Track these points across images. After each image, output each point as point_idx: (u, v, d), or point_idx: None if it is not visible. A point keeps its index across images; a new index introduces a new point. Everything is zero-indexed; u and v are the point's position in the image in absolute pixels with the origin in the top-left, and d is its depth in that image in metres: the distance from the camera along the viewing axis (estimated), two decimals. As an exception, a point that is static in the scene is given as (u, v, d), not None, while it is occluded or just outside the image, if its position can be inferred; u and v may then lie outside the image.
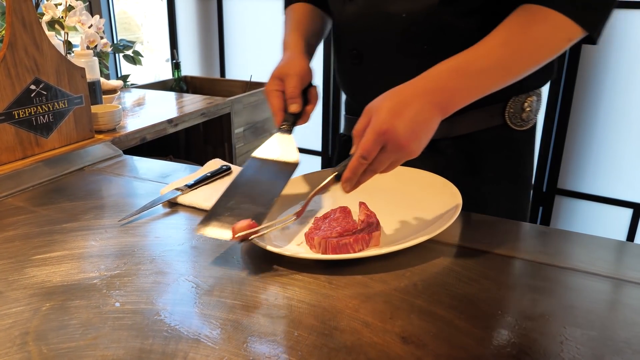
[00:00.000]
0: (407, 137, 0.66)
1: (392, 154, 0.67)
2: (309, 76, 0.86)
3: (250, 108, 1.95)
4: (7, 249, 0.75)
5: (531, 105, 0.89)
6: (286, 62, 0.85)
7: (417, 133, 0.67)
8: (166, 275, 0.68)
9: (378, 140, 0.65)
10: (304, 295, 0.63)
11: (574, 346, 0.54)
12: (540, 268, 0.69)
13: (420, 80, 0.70)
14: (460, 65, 0.70)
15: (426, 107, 0.67)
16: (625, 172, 2.30)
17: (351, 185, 0.70)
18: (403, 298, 0.62)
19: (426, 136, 0.69)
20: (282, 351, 0.53)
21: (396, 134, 0.65)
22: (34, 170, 1.03)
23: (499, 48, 0.71)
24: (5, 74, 1.00)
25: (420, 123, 0.67)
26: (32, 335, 0.57)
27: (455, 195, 0.79)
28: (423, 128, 0.67)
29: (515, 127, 0.89)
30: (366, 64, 0.89)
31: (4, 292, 0.64)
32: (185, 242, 0.77)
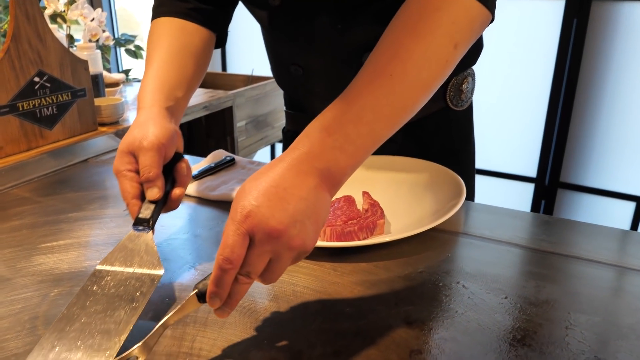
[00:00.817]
0: (278, 218, 0.46)
1: (267, 246, 0.47)
2: (173, 145, 0.67)
3: (252, 102, 1.95)
4: (15, 238, 0.75)
5: (467, 85, 0.92)
6: (137, 131, 0.65)
7: (292, 211, 0.47)
8: (171, 262, 0.68)
9: (240, 230, 0.46)
10: (309, 282, 0.64)
11: (578, 331, 0.54)
12: (543, 256, 0.69)
13: (285, 155, 0.51)
14: (330, 123, 0.52)
15: (299, 177, 0.49)
16: (628, 165, 2.31)
17: (221, 300, 0.48)
18: (408, 285, 0.63)
19: (313, 219, 0.49)
20: (289, 335, 0.54)
21: (263, 216, 0.46)
22: (38, 162, 1.03)
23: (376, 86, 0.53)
24: (9, 66, 1.00)
25: (294, 197, 0.48)
26: (42, 319, 0.57)
27: (458, 185, 0.79)
28: (303, 207, 0.48)
29: (455, 108, 0.92)
30: (308, 75, 0.87)
31: (12, 279, 0.65)
32: (190, 231, 0.77)
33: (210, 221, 0.80)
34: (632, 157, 2.28)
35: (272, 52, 0.93)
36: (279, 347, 0.52)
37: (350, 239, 0.71)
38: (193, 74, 0.77)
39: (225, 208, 0.84)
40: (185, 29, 0.78)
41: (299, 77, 0.88)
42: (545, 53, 2.31)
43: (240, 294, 0.49)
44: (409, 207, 0.81)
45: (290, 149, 0.51)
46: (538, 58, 2.34)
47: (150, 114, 0.67)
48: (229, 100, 1.80)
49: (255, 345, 0.52)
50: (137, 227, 0.61)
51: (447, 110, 0.91)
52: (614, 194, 2.34)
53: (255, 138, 2.01)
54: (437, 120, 0.91)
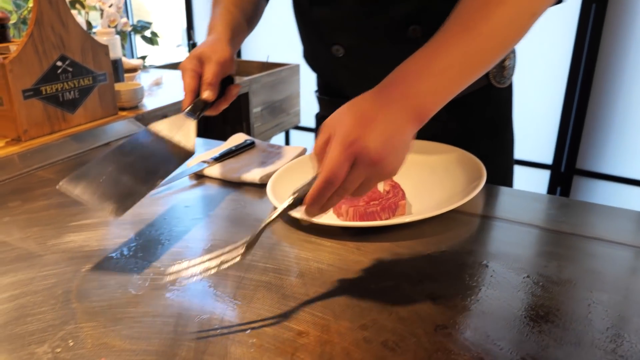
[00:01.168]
0: (379, 149, 0.54)
1: (364, 171, 0.55)
2: (230, 68, 0.82)
3: (267, 88, 1.96)
4: (43, 217, 0.77)
5: (509, 62, 0.93)
6: (210, 46, 0.80)
7: (391, 145, 0.55)
8: (197, 241, 0.70)
9: (345, 155, 0.53)
10: (334, 260, 0.65)
11: (601, 309, 0.55)
12: (564, 237, 0.70)
13: (383, 89, 0.59)
14: (421, 67, 0.59)
15: (397, 115, 0.56)
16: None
17: (317, 209, 0.57)
18: (430, 263, 0.64)
19: (402, 150, 0.57)
20: (316, 309, 0.55)
21: (366, 145, 0.53)
22: (62, 145, 1.05)
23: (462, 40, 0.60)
24: (33, 50, 1.02)
25: (393, 133, 0.55)
26: (74, 293, 0.59)
27: (479, 168, 0.80)
28: (397, 139, 0.56)
29: (498, 85, 0.93)
30: (349, 56, 0.89)
31: (44, 256, 0.67)
32: (215, 211, 0.79)
33: (230, 202, 0.82)
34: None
35: (311, 34, 0.94)
36: (307, 320, 0.53)
37: (372, 219, 0.72)
38: (251, 16, 0.94)
39: (244, 190, 0.86)
40: None
41: (339, 58, 0.89)
42: (563, 39, 2.30)
43: (332, 204, 0.57)
44: (430, 189, 0.82)
45: (384, 87, 0.59)
46: (555, 44, 2.32)
47: (220, 40, 0.82)
48: (244, 87, 1.81)
49: (284, 318, 0.54)
50: (188, 113, 0.77)
51: (490, 87, 0.92)
52: (631, 180, 2.33)
53: (270, 124, 2.02)
54: (479, 98, 0.92)
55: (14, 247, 0.69)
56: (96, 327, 0.53)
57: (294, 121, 2.22)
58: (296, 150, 0.97)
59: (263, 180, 0.86)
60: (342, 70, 0.93)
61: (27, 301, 0.58)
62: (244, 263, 0.64)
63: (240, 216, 0.77)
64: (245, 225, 0.74)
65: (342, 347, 0.50)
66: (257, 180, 0.86)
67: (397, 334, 0.51)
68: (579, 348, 0.49)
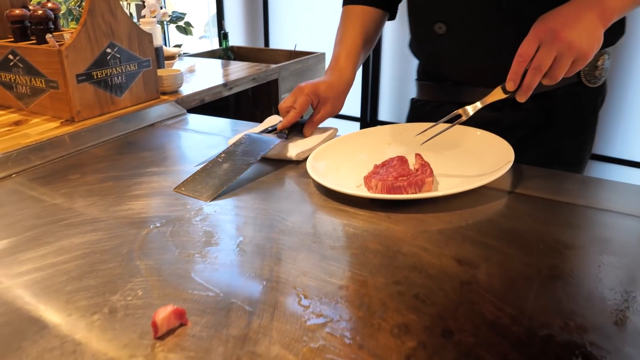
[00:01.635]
0: (561, 27, 0.72)
1: (551, 45, 0.73)
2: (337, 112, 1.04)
3: (295, 75, 2.03)
4: (102, 188, 0.85)
5: (604, 63, 0.95)
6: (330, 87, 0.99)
7: (572, 24, 0.73)
8: (245, 209, 0.77)
9: (530, 39, 0.74)
10: (367, 227, 0.72)
11: (610, 269, 0.61)
12: (578, 209, 0.76)
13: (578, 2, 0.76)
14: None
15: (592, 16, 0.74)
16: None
17: (514, 84, 0.77)
18: (456, 230, 0.70)
19: (589, 33, 0.73)
20: (353, 268, 0.62)
21: (549, 25, 0.73)
22: (111, 125, 1.13)
23: None
24: (85, 37, 1.10)
25: (576, 18, 0.74)
26: (138, 252, 0.67)
27: (509, 153, 0.84)
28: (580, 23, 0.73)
29: (588, 85, 0.95)
30: (451, 35, 0.95)
31: (107, 220, 0.75)
32: (259, 184, 0.86)
33: (272, 177, 0.89)
34: None
35: (417, 17, 1.01)
36: (346, 277, 0.60)
37: (399, 193, 0.78)
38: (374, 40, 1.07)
39: (282, 165, 0.93)
40: (367, 13, 1.04)
41: (441, 36, 0.95)
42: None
43: (533, 83, 0.75)
44: (459, 171, 0.87)
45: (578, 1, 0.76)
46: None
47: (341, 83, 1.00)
48: (274, 73, 1.87)
49: (326, 275, 0.61)
50: (281, 134, 0.97)
51: (580, 85, 0.95)
52: (634, 163, 2.36)
53: (298, 110, 2.10)
54: (568, 94, 0.95)
55: (80, 213, 0.77)
56: (159, 280, 0.61)
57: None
58: (328, 131, 1.03)
59: (299, 157, 0.93)
60: (443, 50, 0.99)
61: (97, 258, 0.66)
62: (286, 229, 0.71)
63: (285, 187, 0.84)
64: (290, 196, 0.81)
65: (379, 298, 0.56)
66: (294, 157, 0.93)
67: (426, 288, 0.58)
68: (590, 302, 0.55)
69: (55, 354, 0.49)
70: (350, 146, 0.96)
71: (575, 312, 0.54)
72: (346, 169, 0.89)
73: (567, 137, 0.98)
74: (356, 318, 0.53)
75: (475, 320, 0.53)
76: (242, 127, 1.17)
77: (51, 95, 1.13)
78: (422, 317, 0.53)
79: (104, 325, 0.53)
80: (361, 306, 0.55)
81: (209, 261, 0.64)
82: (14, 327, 0.53)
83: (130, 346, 0.50)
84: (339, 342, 0.50)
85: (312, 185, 0.85)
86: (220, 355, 0.49)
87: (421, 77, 1.11)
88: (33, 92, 1.17)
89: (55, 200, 0.81)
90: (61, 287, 0.60)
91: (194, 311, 0.55)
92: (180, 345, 0.50)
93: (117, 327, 0.53)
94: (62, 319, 0.54)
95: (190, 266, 0.63)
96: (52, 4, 1.26)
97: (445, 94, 1.03)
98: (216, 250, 0.67)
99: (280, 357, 0.48)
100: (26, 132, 1.07)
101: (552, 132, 0.97)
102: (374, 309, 0.55)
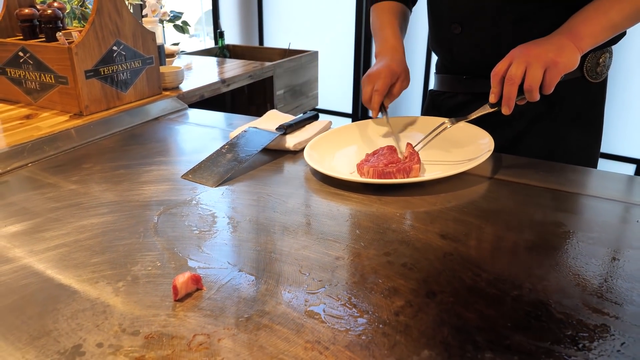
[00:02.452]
0: (529, 45, 0.84)
1: (519, 59, 0.83)
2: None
3: (289, 72, 2.10)
4: (115, 175, 0.92)
5: (605, 61, 1.03)
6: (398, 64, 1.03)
7: (541, 43, 0.84)
8: (248, 194, 0.84)
9: (506, 58, 0.85)
10: (360, 208, 0.79)
11: (577, 243, 0.68)
12: (554, 193, 0.83)
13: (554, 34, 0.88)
14: (597, 18, 0.87)
15: (566, 42, 0.85)
16: (628, 129, 2.41)
17: (495, 97, 0.87)
18: (441, 210, 0.78)
19: (554, 46, 0.84)
20: (348, 242, 0.69)
21: (520, 47, 0.85)
22: (118, 119, 1.20)
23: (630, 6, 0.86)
24: (93, 36, 1.16)
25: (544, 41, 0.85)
26: (153, 230, 0.73)
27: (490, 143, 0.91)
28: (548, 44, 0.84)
29: (590, 80, 1.03)
30: (466, 34, 1.04)
31: (121, 203, 0.82)
32: (261, 171, 0.93)
33: (272, 165, 0.96)
34: (633, 122, 2.39)
35: (437, 17, 1.10)
36: (341, 249, 0.68)
37: (389, 178, 0.85)
38: (404, 32, 1.15)
39: (279, 155, 1.00)
40: (395, 6, 1.15)
41: (457, 35, 1.05)
42: None
43: (511, 94, 0.84)
44: (444, 158, 0.94)
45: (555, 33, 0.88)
46: None
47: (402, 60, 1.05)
48: (269, 71, 1.94)
49: (323, 248, 0.68)
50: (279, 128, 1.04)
51: (583, 80, 1.02)
52: (615, 157, 2.46)
53: (291, 106, 2.16)
54: (571, 88, 1.02)
55: (96, 197, 0.84)
56: (174, 253, 0.68)
57: (312, 103, 2.36)
58: (323, 124, 1.10)
59: (296, 148, 1.00)
60: (459, 47, 1.07)
61: (116, 236, 0.72)
62: (286, 210, 0.78)
63: (283, 173, 0.91)
64: (288, 180, 0.89)
65: (371, 267, 0.64)
66: (292, 148, 1.00)
67: (413, 258, 0.65)
68: (556, 269, 0.63)
69: (88, 314, 0.56)
70: (344, 137, 1.04)
71: (543, 277, 0.61)
72: (340, 157, 0.97)
73: (570, 129, 1.05)
74: (351, 283, 0.61)
75: (456, 284, 0.60)
76: (240, 121, 1.24)
77: (60, 90, 1.19)
78: (409, 282, 0.61)
79: (128, 290, 0.60)
80: (355, 273, 0.63)
81: (218, 237, 0.71)
82: (48, 293, 0.60)
83: (153, 307, 0.57)
84: (336, 301, 0.57)
85: (309, 172, 0.92)
86: (233, 313, 0.56)
87: (439, 70, 1.20)
88: (42, 88, 1.23)
89: (71, 187, 0.88)
90: (86, 260, 0.66)
91: (208, 278, 0.62)
92: (198, 306, 0.57)
93: (140, 291, 0.60)
94: (91, 286, 0.61)
95: (202, 242, 0.70)
96: (58, 3, 1.32)
97: (461, 85, 1.12)
98: (224, 228, 0.74)
99: (285, 313, 0.55)
100: (37, 125, 1.13)
101: (555, 123, 1.04)
102: (366, 276, 0.62)
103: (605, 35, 0.88)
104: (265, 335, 0.52)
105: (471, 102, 1.08)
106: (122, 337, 0.52)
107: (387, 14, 1.12)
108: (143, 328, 0.54)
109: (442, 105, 1.16)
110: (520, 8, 0.96)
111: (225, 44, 2.42)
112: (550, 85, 0.84)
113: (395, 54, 1.05)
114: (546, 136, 1.03)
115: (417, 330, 0.53)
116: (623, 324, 0.54)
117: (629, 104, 2.40)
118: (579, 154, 1.07)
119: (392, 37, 1.08)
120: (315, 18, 2.91)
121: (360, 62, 2.95)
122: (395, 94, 1.03)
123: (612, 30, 0.88)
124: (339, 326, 0.54)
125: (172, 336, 0.52)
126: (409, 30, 1.19)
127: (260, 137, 1.01)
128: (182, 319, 0.55)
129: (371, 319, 0.54)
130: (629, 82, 2.38)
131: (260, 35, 3.18)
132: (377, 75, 1.00)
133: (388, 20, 1.11)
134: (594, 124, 1.09)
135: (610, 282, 0.61)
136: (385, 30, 1.10)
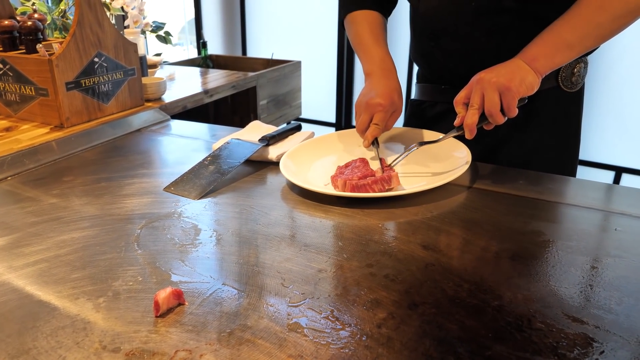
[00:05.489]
0: (484, 72, 0.85)
1: (476, 86, 0.85)
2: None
3: (272, 82, 2.10)
4: (96, 188, 0.91)
5: (580, 70, 1.04)
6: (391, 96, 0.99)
7: (494, 69, 0.86)
8: (231, 206, 0.84)
9: (465, 87, 0.88)
10: (342, 219, 0.79)
11: (557, 252, 0.69)
12: (534, 202, 0.84)
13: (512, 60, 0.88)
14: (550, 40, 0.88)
15: (522, 66, 0.86)
16: (607, 137, 2.46)
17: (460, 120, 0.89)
18: (422, 220, 0.78)
19: (507, 70, 0.85)
20: (331, 254, 0.70)
21: (477, 74, 0.86)
22: (99, 131, 1.19)
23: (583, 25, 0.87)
24: (74, 48, 1.16)
25: (497, 67, 0.87)
26: (134, 244, 0.73)
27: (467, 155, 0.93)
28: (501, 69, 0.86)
29: (565, 89, 1.04)
30: (443, 46, 1.05)
31: (103, 217, 0.81)
32: (243, 183, 0.93)
33: (254, 177, 0.96)
34: (611, 129, 2.44)
35: (417, 29, 1.10)
36: (324, 261, 0.68)
37: (364, 191, 0.85)
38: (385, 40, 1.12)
39: (262, 166, 1.00)
40: (371, 15, 1.12)
41: (434, 46, 1.06)
42: None
43: (471, 120, 0.85)
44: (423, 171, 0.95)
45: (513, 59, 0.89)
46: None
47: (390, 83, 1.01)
48: (253, 81, 1.95)
49: (306, 260, 0.68)
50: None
51: (557, 89, 1.04)
52: (594, 164, 2.50)
53: (275, 115, 2.17)
54: (547, 97, 1.03)
55: (77, 211, 0.83)
56: (156, 267, 0.67)
57: (295, 113, 2.37)
58: (306, 134, 1.11)
59: (279, 159, 1.00)
60: (436, 58, 1.08)
61: (97, 250, 0.72)
62: (269, 222, 0.78)
63: (265, 187, 0.91)
64: (270, 194, 0.89)
65: (354, 279, 0.64)
66: (274, 159, 1.00)
67: (395, 269, 0.66)
68: (535, 278, 0.64)
69: (68, 331, 0.56)
70: (322, 147, 1.04)
71: (523, 286, 0.62)
72: (316, 168, 0.97)
73: (547, 137, 1.06)
74: (334, 295, 0.61)
75: (437, 295, 0.61)
76: (223, 132, 1.24)
77: (41, 102, 1.18)
78: (391, 293, 0.61)
79: (109, 306, 0.60)
80: (338, 285, 0.63)
81: (200, 250, 0.71)
82: (27, 310, 0.59)
83: (135, 323, 0.57)
84: (319, 314, 0.57)
85: (292, 184, 0.92)
86: (215, 328, 0.56)
87: (420, 80, 1.21)
88: (22, 100, 1.22)
89: (52, 200, 0.87)
90: (66, 275, 0.66)
91: (190, 292, 0.62)
92: (180, 321, 0.57)
93: (121, 307, 0.59)
94: (71, 302, 0.61)
95: (184, 255, 0.70)
96: (38, 14, 1.31)
97: (440, 95, 1.13)
98: (206, 241, 0.74)
99: (268, 327, 0.55)
100: (17, 138, 1.12)
101: (532, 132, 1.05)
102: (349, 288, 0.62)
103: (563, 55, 0.88)
104: (247, 350, 0.52)
105: (450, 111, 1.08)
106: (102, 355, 0.52)
107: (366, 26, 1.10)
108: (124, 345, 0.53)
109: (423, 115, 1.17)
110: (492, 21, 0.97)
111: (208, 54, 2.41)
112: (509, 109, 0.85)
113: (391, 78, 1.02)
114: (524, 145, 1.04)
115: (400, 343, 0.53)
116: (602, 332, 0.54)
117: (606, 112, 2.45)
118: (556, 163, 1.08)
119: (383, 54, 1.05)
120: (298, 28, 2.93)
121: (343, 71, 2.97)
122: (389, 127, 1.01)
123: (569, 50, 0.88)
124: (322, 340, 0.54)
125: (154, 352, 0.52)
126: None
127: (242, 148, 1.01)
128: (163, 334, 0.55)
129: (354, 332, 0.55)
130: (606, 89, 2.43)
131: (243, 45, 3.18)
132: (377, 106, 0.97)
133: (371, 34, 1.08)
134: (571, 133, 1.10)
135: (589, 290, 0.62)
136: (370, 45, 1.07)
